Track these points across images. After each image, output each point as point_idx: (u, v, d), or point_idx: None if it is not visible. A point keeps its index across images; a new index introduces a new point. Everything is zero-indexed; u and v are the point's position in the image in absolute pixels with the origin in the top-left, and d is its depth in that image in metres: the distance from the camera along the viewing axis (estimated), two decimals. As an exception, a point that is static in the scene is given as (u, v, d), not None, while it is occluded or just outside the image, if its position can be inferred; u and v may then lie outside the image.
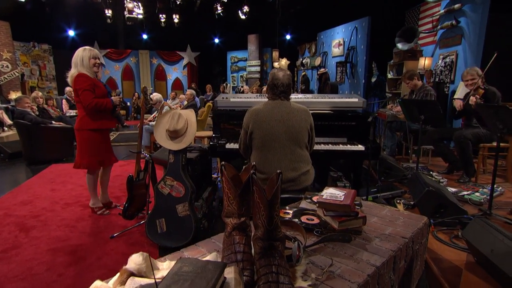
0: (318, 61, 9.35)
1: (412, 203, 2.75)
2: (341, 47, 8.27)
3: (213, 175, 3.58)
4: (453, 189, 3.15)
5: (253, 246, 0.99)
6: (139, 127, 2.74)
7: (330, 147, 2.81)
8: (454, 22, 5.18)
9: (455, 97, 5.04)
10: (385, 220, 1.50)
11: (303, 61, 11.06)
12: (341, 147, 2.81)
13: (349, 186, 2.99)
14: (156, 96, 5.48)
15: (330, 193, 1.46)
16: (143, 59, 13.15)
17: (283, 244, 0.99)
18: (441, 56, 5.54)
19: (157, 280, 0.89)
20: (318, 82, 9.18)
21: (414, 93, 4.34)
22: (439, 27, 5.67)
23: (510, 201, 3.01)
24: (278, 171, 0.98)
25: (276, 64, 11.95)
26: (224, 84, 11.79)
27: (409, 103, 3.52)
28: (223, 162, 1.07)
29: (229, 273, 0.91)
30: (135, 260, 1.00)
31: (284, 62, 11.69)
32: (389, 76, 6.75)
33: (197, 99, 7.28)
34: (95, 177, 3.06)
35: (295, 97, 3.17)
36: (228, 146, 2.80)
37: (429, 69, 5.72)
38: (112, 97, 3.03)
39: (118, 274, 0.98)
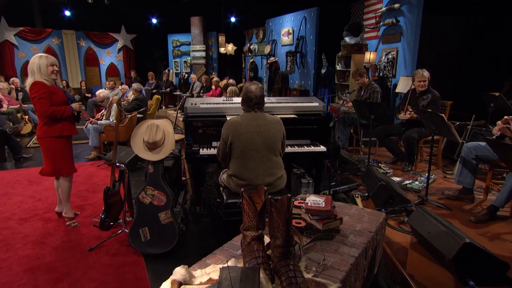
0: (267, 49, 9.81)
1: (366, 194, 3.41)
2: (291, 36, 8.83)
3: (183, 178, 3.87)
4: (398, 179, 3.91)
5: (272, 252, 1.41)
6: (114, 141, 2.90)
7: (296, 149, 3.30)
8: (394, 20, 6.01)
9: (397, 91, 5.95)
10: (354, 218, 2.02)
11: (251, 47, 11.44)
12: (305, 148, 3.32)
13: (312, 182, 3.54)
14: (102, 93, 5.43)
15: (313, 200, 1.94)
16: (68, 41, 12.23)
17: (294, 248, 1.42)
18: (384, 52, 6.39)
19: (207, 285, 1.26)
20: (268, 71, 9.68)
21: (363, 89, 5.06)
22: (381, 23, 6.49)
23: (440, 186, 3.86)
24: (289, 195, 1.39)
25: (222, 50, 12.14)
26: (167, 71, 11.66)
27: (360, 103, 4.18)
28: (242, 189, 1.45)
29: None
30: (180, 272, 1.35)
31: (230, 47, 11.93)
32: (338, 68, 7.50)
33: (143, 91, 7.26)
34: (71, 182, 3.17)
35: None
36: (202, 152, 3.12)
37: (373, 63, 6.55)
38: (72, 104, 3.13)
39: (169, 284, 1.32)
